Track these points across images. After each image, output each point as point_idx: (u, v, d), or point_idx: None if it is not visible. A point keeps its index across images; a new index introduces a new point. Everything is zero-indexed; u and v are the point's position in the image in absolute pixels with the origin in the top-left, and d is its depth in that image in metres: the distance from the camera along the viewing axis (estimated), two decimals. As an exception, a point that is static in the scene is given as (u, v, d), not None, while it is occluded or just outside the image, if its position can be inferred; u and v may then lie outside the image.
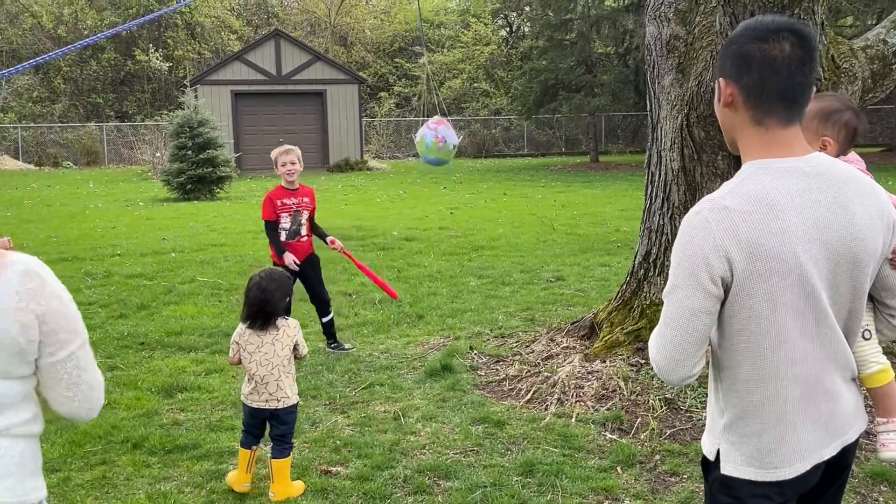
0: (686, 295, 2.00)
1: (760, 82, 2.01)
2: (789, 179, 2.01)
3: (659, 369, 2.08)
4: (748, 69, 2.02)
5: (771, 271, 1.96)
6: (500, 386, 5.89)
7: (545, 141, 40.51)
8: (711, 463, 2.16)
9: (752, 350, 2.03)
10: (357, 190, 22.84)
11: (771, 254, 1.96)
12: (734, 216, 1.96)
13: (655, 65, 5.82)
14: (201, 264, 11.14)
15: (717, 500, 2.16)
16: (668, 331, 2.04)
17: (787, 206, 1.98)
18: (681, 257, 2.01)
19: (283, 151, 6.75)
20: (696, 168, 5.57)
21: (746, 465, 2.09)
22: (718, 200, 2.00)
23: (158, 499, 4.27)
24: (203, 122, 21.48)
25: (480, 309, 8.32)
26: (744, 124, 2.07)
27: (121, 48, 42.89)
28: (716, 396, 2.17)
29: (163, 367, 6.56)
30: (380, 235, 13.57)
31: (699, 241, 1.97)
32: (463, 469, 4.56)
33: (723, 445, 2.13)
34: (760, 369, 2.04)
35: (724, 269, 1.96)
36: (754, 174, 2.03)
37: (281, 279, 4.34)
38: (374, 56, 46.21)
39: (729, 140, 2.18)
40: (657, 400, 5.21)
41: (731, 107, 2.08)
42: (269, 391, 4.25)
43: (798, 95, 2.03)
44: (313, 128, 31.43)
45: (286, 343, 4.30)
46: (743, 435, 2.09)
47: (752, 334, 2.02)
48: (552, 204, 18.06)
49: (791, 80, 2.00)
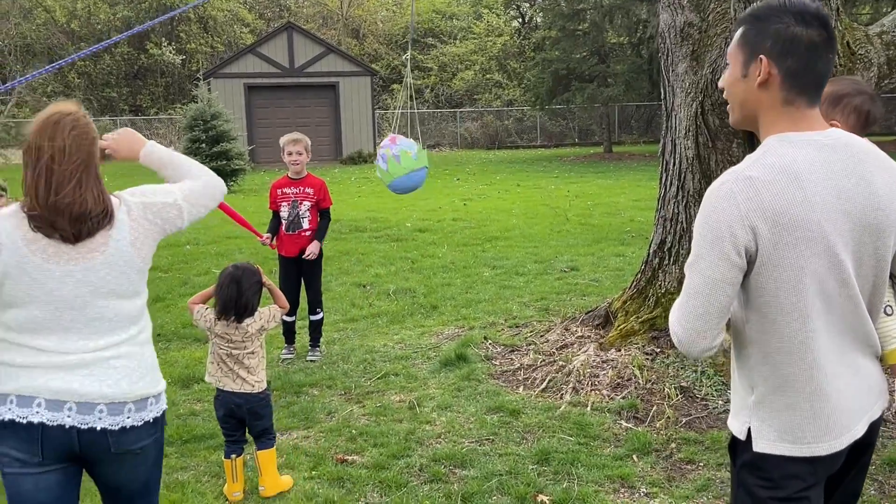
0: (709, 265, 2.00)
1: (805, 67, 2.04)
2: (811, 150, 2.03)
3: (680, 341, 2.07)
4: (794, 53, 2.03)
5: (797, 240, 1.97)
6: (514, 375, 5.89)
7: (558, 132, 40.39)
8: (741, 443, 2.13)
9: (781, 322, 2.03)
10: (370, 182, 22.84)
11: (796, 223, 1.96)
12: (758, 186, 1.97)
13: (669, 52, 5.79)
14: (216, 256, 11.18)
15: (746, 483, 2.13)
16: (690, 301, 2.04)
17: (810, 177, 1.99)
18: (705, 228, 2.01)
19: (291, 140, 6.53)
20: (710, 156, 5.54)
21: (780, 440, 2.07)
22: (742, 171, 2.01)
23: (176, 488, 4.30)
24: (216, 115, 21.52)
25: (494, 299, 8.32)
26: (773, 103, 2.08)
27: (134, 42, 42.99)
28: (742, 374, 2.16)
29: (179, 359, 6.60)
30: (393, 227, 13.58)
31: (724, 212, 1.98)
32: (478, 457, 4.57)
33: (754, 423, 2.10)
34: (790, 342, 2.03)
35: (749, 238, 1.97)
36: (776, 146, 2.04)
37: (253, 270, 4.24)
38: (387, 48, 46.19)
39: (745, 116, 2.16)
40: (673, 388, 5.21)
41: (764, 86, 2.07)
42: (242, 376, 4.19)
43: (826, 80, 2.08)
44: (326, 120, 31.45)
45: (252, 328, 4.21)
46: (775, 410, 2.08)
47: (780, 305, 2.01)
48: (566, 194, 18.02)
49: (828, 65, 2.04)
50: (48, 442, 2.51)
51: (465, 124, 39.49)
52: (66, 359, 2.52)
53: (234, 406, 4.19)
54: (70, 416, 2.51)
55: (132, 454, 2.61)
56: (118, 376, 2.57)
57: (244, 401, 4.19)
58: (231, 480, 4.21)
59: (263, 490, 4.19)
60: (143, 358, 2.66)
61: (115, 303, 2.60)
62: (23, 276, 2.50)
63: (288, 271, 6.58)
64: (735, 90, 2.14)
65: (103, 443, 2.55)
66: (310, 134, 8.36)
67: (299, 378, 6.03)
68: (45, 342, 2.52)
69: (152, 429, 2.65)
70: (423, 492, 4.20)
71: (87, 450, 2.55)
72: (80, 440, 2.53)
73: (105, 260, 2.56)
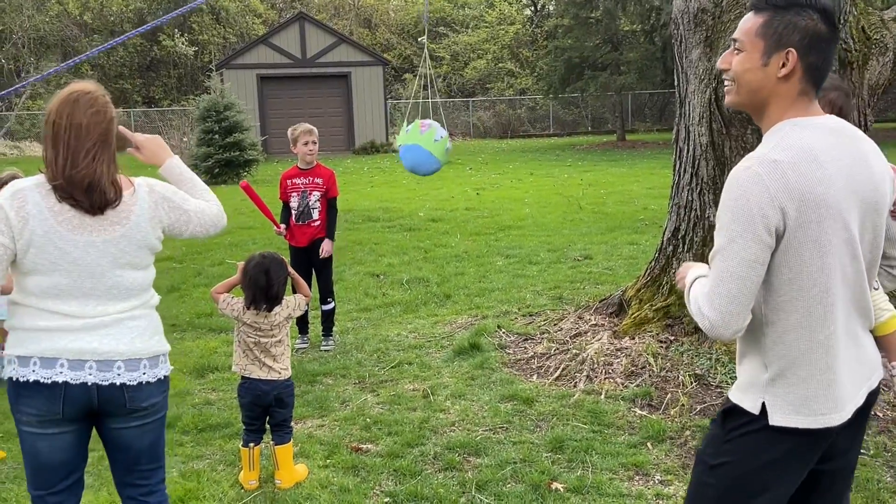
0: (743, 247, 2.07)
1: (824, 63, 2.17)
2: (822, 134, 2.15)
3: (712, 325, 2.12)
4: (818, 49, 2.14)
5: (820, 218, 2.07)
6: (528, 364, 5.89)
7: (571, 120, 40.27)
8: (749, 415, 2.20)
9: (803, 298, 2.12)
10: (383, 172, 22.86)
11: (819, 202, 2.07)
12: (784, 168, 2.06)
13: (683, 39, 5.76)
14: (230, 247, 11.22)
15: (744, 448, 2.22)
16: (723, 285, 2.10)
17: (827, 158, 2.11)
18: (735, 212, 2.08)
19: (307, 131, 6.54)
20: (724, 142, 5.51)
21: (795, 413, 2.16)
22: (766, 155, 2.09)
23: (192, 476, 4.32)
24: (229, 106, 21.56)
25: (508, 288, 8.32)
26: (790, 94, 2.17)
27: (147, 34, 43.03)
28: (754, 354, 2.22)
29: (194, 349, 6.63)
30: (406, 216, 13.59)
31: (753, 194, 2.05)
32: (492, 445, 4.58)
33: (768, 398, 2.18)
34: (810, 317, 2.13)
35: (779, 219, 2.05)
36: (792, 130, 2.14)
37: (281, 261, 4.25)
38: (399, 37, 46.10)
39: (752, 101, 2.23)
40: (687, 376, 5.19)
41: (786, 78, 2.16)
42: (268, 364, 4.21)
43: None
44: (338, 110, 31.43)
45: (279, 317, 4.23)
46: (789, 385, 2.17)
47: (803, 283, 2.11)
48: (579, 183, 17.98)
49: (833, 59, 2.20)
50: (69, 400, 2.73)
51: (478, 113, 39.41)
52: (86, 322, 2.75)
53: (260, 393, 4.20)
54: (91, 374, 2.74)
55: (143, 410, 2.86)
56: (132, 335, 2.82)
57: (271, 388, 4.21)
58: (247, 469, 4.22)
59: (280, 483, 4.20)
60: (152, 319, 2.95)
61: (130, 273, 2.85)
62: (48, 246, 2.70)
63: (299, 261, 6.60)
64: (751, 77, 2.19)
65: (120, 399, 2.80)
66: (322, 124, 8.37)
67: (313, 367, 6.05)
68: (67, 307, 2.74)
69: (163, 385, 2.93)
70: (438, 480, 4.20)
71: (105, 406, 2.79)
72: (100, 396, 2.77)
73: (125, 233, 2.80)
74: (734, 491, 2.24)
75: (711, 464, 2.28)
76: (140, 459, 2.96)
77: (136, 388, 2.81)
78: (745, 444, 2.22)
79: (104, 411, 2.81)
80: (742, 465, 2.22)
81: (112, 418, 2.85)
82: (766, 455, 2.19)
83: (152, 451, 2.98)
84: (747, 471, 2.21)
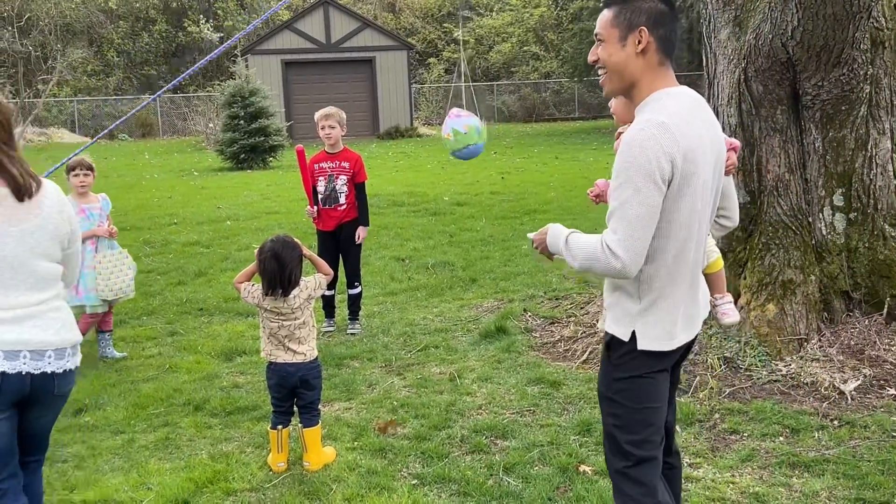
0: (647, 195, 2.41)
1: (671, 34, 2.57)
2: (687, 100, 2.56)
3: (625, 266, 2.44)
4: (664, 24, 2.55)
5: (696, 169, 2.47)
6: (555, 347, 5.87)
7: (596, 104, 39.95)
8: (624, 343, 2.62)
9: (674, 240, 2.52)
10: (407, 156, 22.85)
11: (696, 157, 2.46)
12: (671, 128, 2.42)
13: (712, 18, 5.69)
14: (256, 232, 11.26)
15: (626, 368, 2.64)
16: (633, 230, 2.42)
17: (695, 120, 2.51)
18: (636, 166, 2.41)
19: (324, 115, 6.56)
20: (754, 123, 5.45)
21: (658, 339, 2.60)
22: (654, 118, 2.45)
23: (220, 459, 4.35)
24: (254, 92, 21.61)
25: (533, 272, 8.29)
26: (650, 65, 2.57)
27: (172, 20, 43.26)
28: (630, 287, 2.61)
29: (221, 332, 6.67)
30: (431, 201, 13.57)
31: (651, 150, 2.40)
32: (520, 428, 4.57)
33: (638, 327, 2.60)
34: (679, 255, 2.54)
35: (670, 170, 2.42)
36: (667, 97, 2.54)
37: (292, 243, 4.23)
38: (423, 22, 45.95)
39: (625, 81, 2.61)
40: (716, 359, 5.16)
41: (643, 53, 2.55)
42: (292, 348, 4.23)
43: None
44: (363, 95, 31.42)
45: (300, 298, 4.22)
46: (657, 315, 2.59)
47: (679, 228, 2.51)
48: (605, 167, 17.86)
49: (678, 33, 2.61)
50: (6, 389, 2.87)
51: (503, 97, 39.25)
52: (13, 313, 2.89)
53: (285, 374, 4.21)
54: (25, 363, 2.89)
55: (64, 397, 3.08)
56: (58, 325, 2.99)
57: (296, 369, 4.21)
58: (276, 451, 4.24)
59: (308, 465, 4.22)
60: (67, 310, 3.10)
61: (45, 264, 3.00)
62: None
63: (326, 245, 6.61)
64: (616, 59, 2.59)
65: (49, 386, 2.96)
66: (347, 109, 8.34)
67: (340, 350, 6.07)
68: None
69: (76, 373, 3.12)
70: (465, 462, 4.21)
71: (36, 393, 2.95)
72: (32, 384, 2.92)
73: (40, 224, 2.95)
74: (635, 411, 2.65)
75: (611, 396, 2.70)
76: (44, 441, 3.18)
77: (62, 375, 2.99)
78: (628, 368, 2.63)
79: (33, 399, 2.96)
80: (630, 381, 2.64)
81: (36, 406, 3.00)
82: (645, 373, 2.63)
83: (49, 432, 3.20)
84: (636, 386, 2.64)
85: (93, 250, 5.94)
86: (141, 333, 6.75)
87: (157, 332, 6.80)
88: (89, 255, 5.89)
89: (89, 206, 6.03)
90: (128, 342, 6.55)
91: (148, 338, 6.65)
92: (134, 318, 7.25)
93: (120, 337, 6.64)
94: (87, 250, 5.84)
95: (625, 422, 2.67)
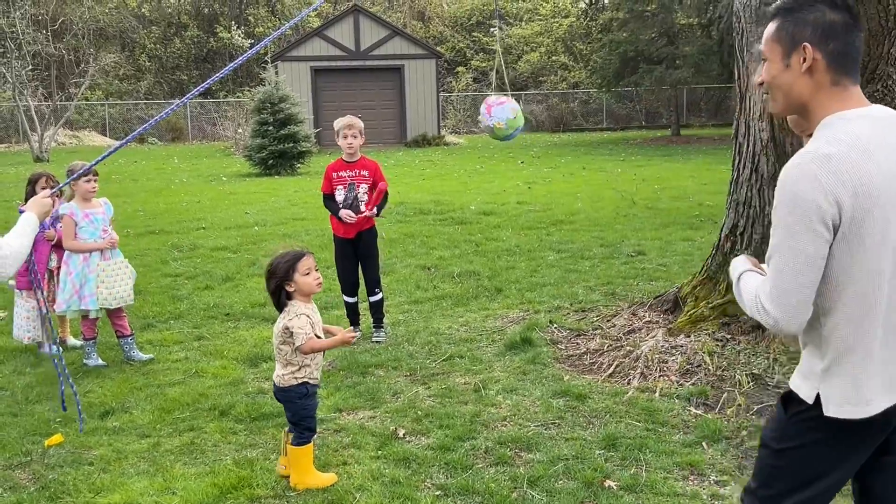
0: (802, 242, 2.11)
1: (846, 48, 2.22)
2: (867, 125, 2.18)
3: (777, 322, 2.17)
4: (834, 36, 2.21)
5: (874, 208, 2.11)
6: (580, 360, 5.84)
7: (625, 115, 39.88)
8: (805, 404, 2.28)
9: (858, 289, 2.16)
10: (434, 165, 22.88)
11: (872, 192, 2.10)
12: (836, 162, 2.09)
13: (744, 32, 5.65)
14: (283, 238, 11.31)
15: (800, 434, 2.29)
16: (784, 282, 2.15)
17: (875, 148, 2.14)
18: (791, 208, 2.11)
19: (347, 125, 6.52)
20: (786, 138, 5.40)
21: (847, 403, 2.21)
22: (818, 150, 2.12)
23: (245, 465, 4.36)
24: (284, 99, 21.75)
25: (560, 283, 8.25)
26: (821, 86, 2.23)
27: (203, 26, 43.64)
28: (813, 342, 2.28)
29: (247, 338, 6.69)
30: (457, 210, 13.57)
31: (808, 190, 2.09)
32: (544, 441, 4.54)
33: (823, 389, 2.24)
34: (862, 307, 2.17)
35: (835, 212, 2.09)
36: (839, 124, 2.19)
37: (273, 271, 4.14)
38: (452, 30, 46.04)
39: (791, 103, 2.29)
40: (744, 375, 5.10)
41: (810, 71, 2.23)
42: (276, 367, 4.25)
43: (860, 58, 2.28)
44: (391, 103, 31.52)
45: (279, 325, 4.14)
46: (842, 375, 2.22)
47: (858, 273, 2.15)
48: (632, 178, 17.79)
49: (861, 44, 2.25)
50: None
51: (531, 107, 39.21)
52: None
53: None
54: None
55: None
56: None
57: (273, 387, 4.27)
58: (282, 453, 4.29)
59: (291, 482, 4.14)
60: None
61: None
62: None
63: (345, 252, 6.63)
64: (780, 81, 2.28)
65: None
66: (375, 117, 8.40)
67: (365, 358, 6.07)
68: None
69: None
70: (489, 474, 4.18)
71: None
72: None
73: None
74: (797, 475, 2.31)
75: (776, 448, 2.35)
76: None
77: None
78: (806, 431, 2.29)
79: None
80: (803, 450, 2.30)
81: None
82: (825, 442, 2.27)
83: None
84: (808, 456, 2.29)
85: (99, 256, 6.07)
86: (168, 337, 6.80)
87: (184, 337, 6.83)
88: (94, 262, 6.05)
89: (93, 210, 6.11)
90: (154, 346, 6.59)
91: (175, 342, 6.69)
92: (161, 322, 7.30)
93: (147, 340, 6.68)
94: (93, 256, 6.04)
95: (771, 480, 2.37)
